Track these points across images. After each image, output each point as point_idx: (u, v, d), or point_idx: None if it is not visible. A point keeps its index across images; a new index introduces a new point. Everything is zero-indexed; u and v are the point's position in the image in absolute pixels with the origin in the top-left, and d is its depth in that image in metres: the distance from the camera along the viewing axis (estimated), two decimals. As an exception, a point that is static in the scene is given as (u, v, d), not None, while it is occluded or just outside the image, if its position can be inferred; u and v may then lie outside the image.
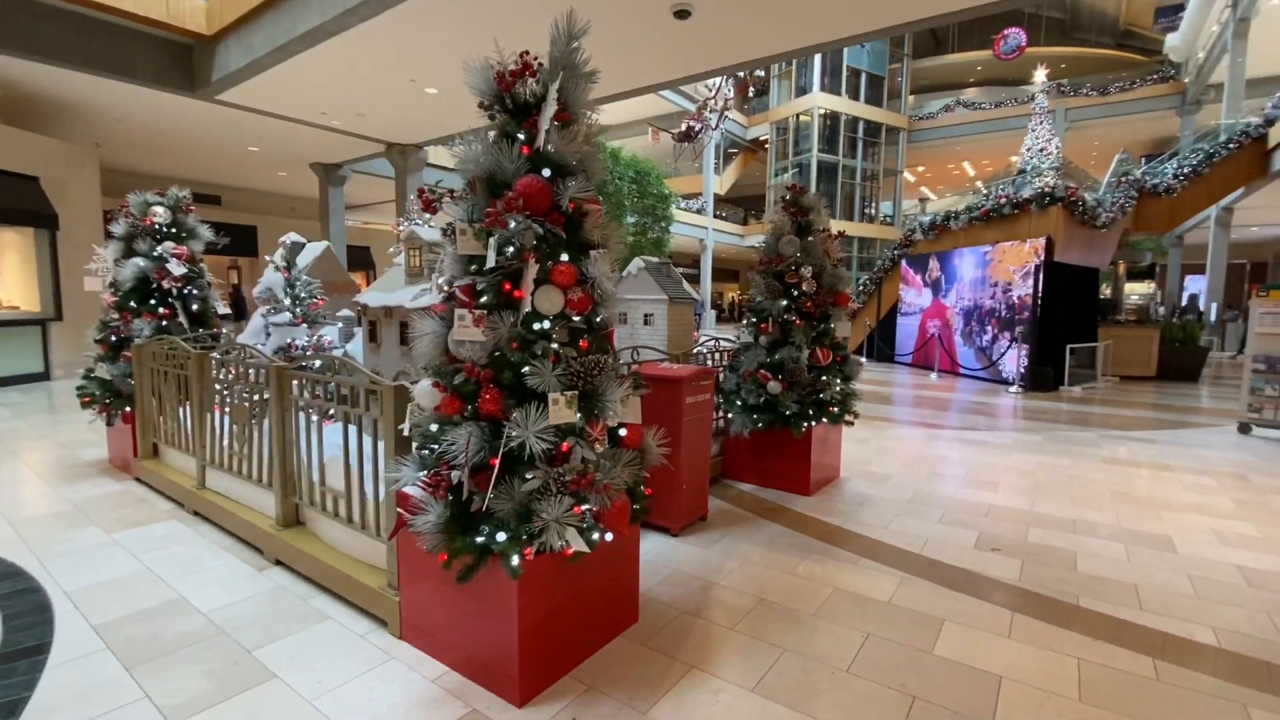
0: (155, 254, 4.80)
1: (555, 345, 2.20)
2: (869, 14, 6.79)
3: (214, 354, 3.81)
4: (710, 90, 20.35)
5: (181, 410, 4.22)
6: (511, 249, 2.15)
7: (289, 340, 3.84)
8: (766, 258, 4.59)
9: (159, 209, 4.84)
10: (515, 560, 2.04)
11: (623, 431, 2.42)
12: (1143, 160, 24.43)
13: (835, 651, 2.52)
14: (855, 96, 26.09)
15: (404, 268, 3.42)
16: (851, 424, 4.65)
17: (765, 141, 28.23)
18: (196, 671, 2.33)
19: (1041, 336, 9.85)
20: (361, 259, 20.05)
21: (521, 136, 2.26)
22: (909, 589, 3.07)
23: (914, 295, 13.00)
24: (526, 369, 2.13)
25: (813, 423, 4.37)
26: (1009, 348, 10.11)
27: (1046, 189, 10.21)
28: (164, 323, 4.78)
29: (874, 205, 27.44)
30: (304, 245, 4.92)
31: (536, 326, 2.16)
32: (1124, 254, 19.45)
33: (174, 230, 4.93)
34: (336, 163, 14.02)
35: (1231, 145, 13.74)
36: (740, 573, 3.22)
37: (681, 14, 6.85)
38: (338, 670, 2.34)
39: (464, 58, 2.45)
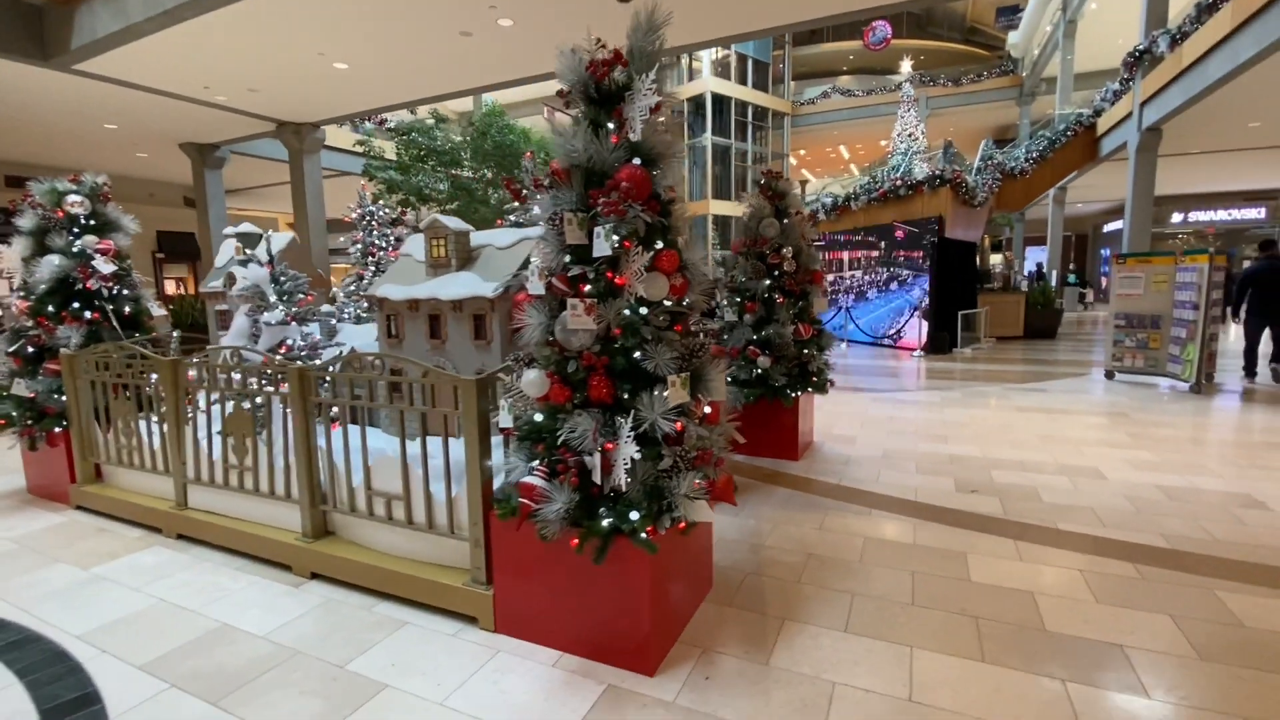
0: (75, 250, 4.20)
1: (655, 329, 2.28)
2: (799, 5, 7.17)
3: (193, 359, 3.44)
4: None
5: (142, 425, 3.77)
6: (617, 237, 2.19)
7: (282, 340, 3.53)
8: (747, 240, 4.83)
9: (75, 198, 4.21)
10: (646, 536, 2.13)
11: (707, 409, 2.55)
12: (987, 144, 27.79)
13: (894, 590, 2.84)
14: (743, 81, 27.09)
15: (424, 258, 3.29)
16: (826, 392, 5.04)
17: (659, 124, 28.62)
18: (295, 694, 2.20)
19: (939, 304, 11.00)
20: (238, 250, 18.14)
21: (611, 125, 2.29)
22: (925, 531, 3.47)
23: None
24: (640, 354, 2.20)
25: (799, 393, 4.71)
26: (911, 316, 11.20)
27: (936, 171, 11.33)
28: (93, 328, 4.21)
29: (765, 187, 28.72)
30: (261, 236, 4.48)
31: (644, 312, 2.23)
32: (988, 229, 21.90)
33: (92, 222, 4.33)
34: (214, 143, 12.58)
35: (1069, 133, 15.89)
36: (777, 533, 3.47)
37: (624, -3, 6.87)
38: (449, 671, 2.31)
39: (381, 30, 2.40)
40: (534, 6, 7.10)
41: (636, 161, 2.27)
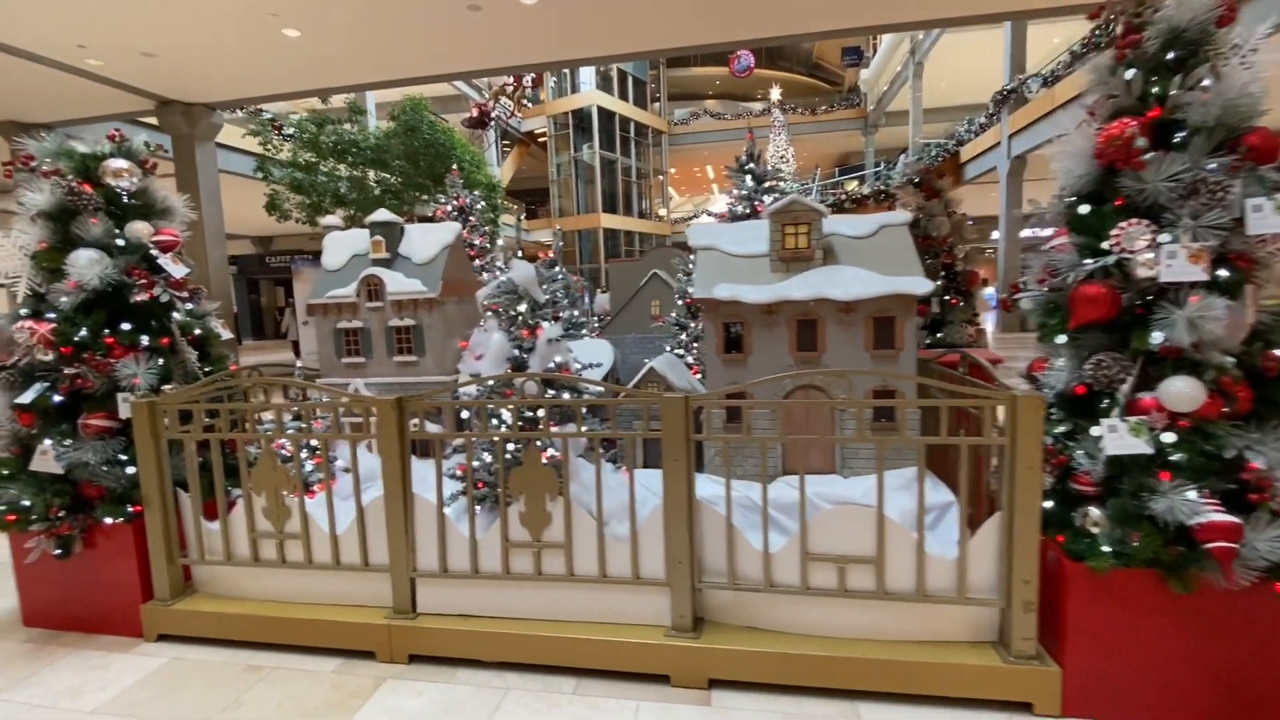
0: (122, 243, 2.77)
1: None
2: (702, 27, 6.63)
3: (458, 394, 2.37)
4: (509, 76, 19.28)
5: (290, 497, 2.53)
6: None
7: (560, 361, 2.54)
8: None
9: (119, 163, 2.78)
10: (1345, 570, 1.77)
11: None
12: (836, 171, 30.96)
13: None
14: (624, 97, 27.32)
15: (767, 250, 2.60)
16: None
17: (539, 135, 27.83)
18: None
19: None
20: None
21: (1208, 83, 1.91)
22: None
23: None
24: (1286, 350, 1.85)
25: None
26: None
27: (883, 187, 12.17)
28: (161, 360, 2.79)
29: (648, 202, 29.21)
30: (399, 226, 3.29)
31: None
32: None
33: (135, 203, 2.89)
34: (45, 123, 9.62)
35: (939, 158, 18.11)
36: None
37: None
38: (1103, 784, 1.73)
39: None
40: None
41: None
